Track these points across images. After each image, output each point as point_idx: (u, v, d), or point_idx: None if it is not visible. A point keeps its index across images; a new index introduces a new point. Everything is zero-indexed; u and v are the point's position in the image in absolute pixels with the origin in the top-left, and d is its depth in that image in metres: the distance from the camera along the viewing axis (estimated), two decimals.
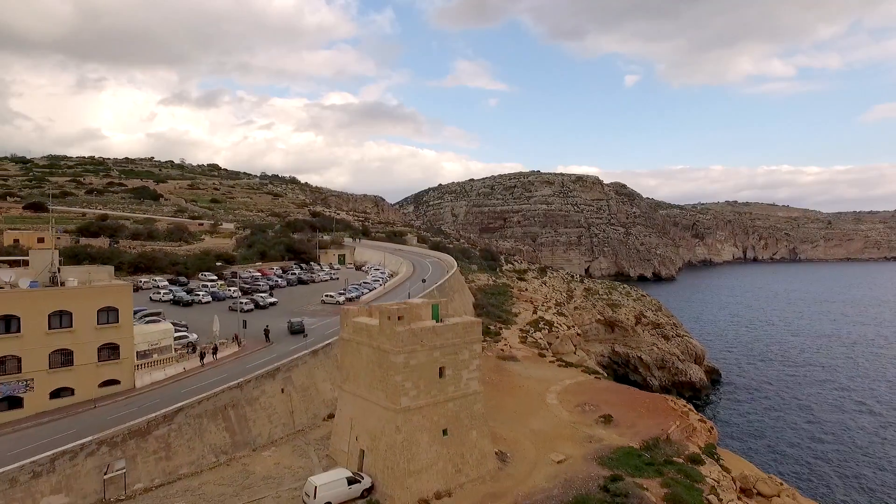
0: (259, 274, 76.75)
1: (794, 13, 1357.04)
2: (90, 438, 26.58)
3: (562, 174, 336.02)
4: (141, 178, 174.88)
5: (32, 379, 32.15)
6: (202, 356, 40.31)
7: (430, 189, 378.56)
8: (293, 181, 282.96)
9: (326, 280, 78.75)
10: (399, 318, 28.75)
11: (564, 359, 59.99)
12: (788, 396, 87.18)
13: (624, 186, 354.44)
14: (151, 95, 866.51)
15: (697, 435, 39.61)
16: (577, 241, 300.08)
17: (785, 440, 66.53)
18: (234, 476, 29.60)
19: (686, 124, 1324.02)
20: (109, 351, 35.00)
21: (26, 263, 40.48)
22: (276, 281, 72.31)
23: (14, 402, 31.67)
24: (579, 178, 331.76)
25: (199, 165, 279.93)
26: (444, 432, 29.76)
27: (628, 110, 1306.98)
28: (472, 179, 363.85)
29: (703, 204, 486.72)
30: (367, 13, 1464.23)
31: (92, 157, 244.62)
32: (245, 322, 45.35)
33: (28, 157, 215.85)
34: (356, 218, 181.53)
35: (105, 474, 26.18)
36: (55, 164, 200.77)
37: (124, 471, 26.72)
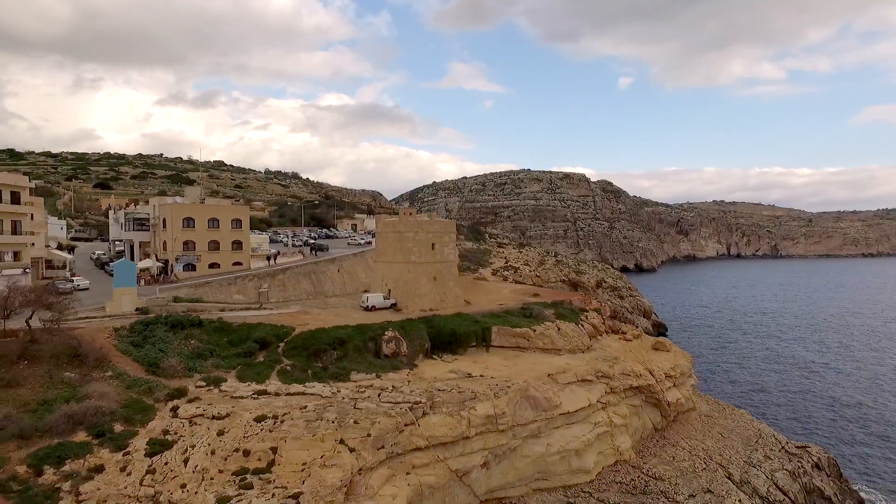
0: (292, 233, 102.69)
1: (784, 17, 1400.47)
2: (250, 272, 52.52)
3: (550, 172, 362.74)
4: (165, 169, 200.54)
5: (200, 255, 58.04)
6: (268, 258, 66.13)
7: (425, 186, 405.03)
8: (295, 176, 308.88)
9: (346, 237, 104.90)
10: (410, 215, 54.95)
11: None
12: (722, 342, 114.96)
13: (610, 184, 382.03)
14: (148, 96, 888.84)
15: (592, 304, 65.72)
16: (563, 235, 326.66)
17: (710, 366, 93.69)
18: (319, 302, 55.54)
19: (679, 126, 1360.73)
20: (236, 245, 60.94)
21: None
22: (311, 235, 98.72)
23: (191, 268, 57.51)
24: (566, 176, 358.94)
25: (205, 161, 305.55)
26: (435, 279, 55.82)
27: (622, 112, 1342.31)
28: (465, 177, 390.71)
29: (690, 203, 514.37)
30: (363, 15, 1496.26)
31: (108, 153, 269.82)
32: (305, 242, 71.62)
33: (54, 153, 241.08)
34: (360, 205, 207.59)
35: (259, 290, 52.09)
36: (81, 157, 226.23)
37: (267, 289, 52.67)
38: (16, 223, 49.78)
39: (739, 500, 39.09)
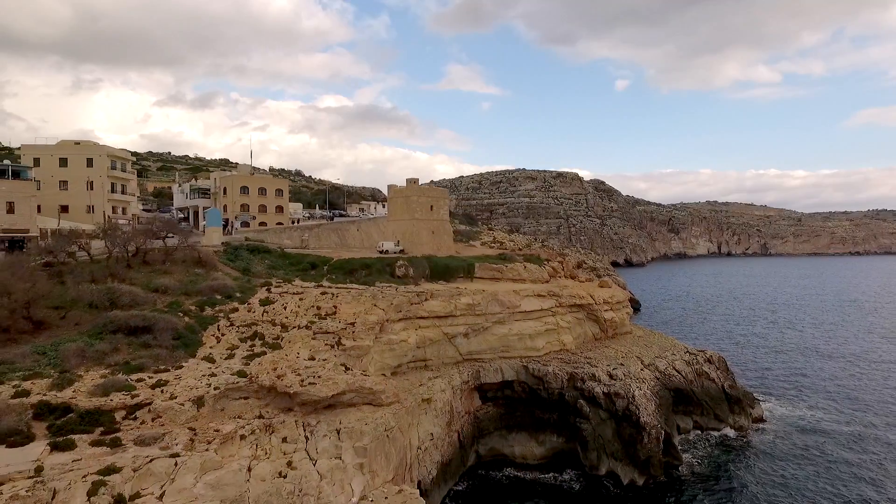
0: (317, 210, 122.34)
1: (778, 21, 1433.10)
2: (293, 226, 71.67)
3: (544, 171, 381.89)
4: (179, 164, 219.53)
5: (255, 216, 77.11)
6: (292, 222, 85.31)
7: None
8: (298, 174, 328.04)
9: (356, 217, 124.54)
10: (415, 182, 74.32)
11: None
12: (685, 313, 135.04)
13: (602, 183, 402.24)
14: (146, 97, 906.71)
15: (556, 258, 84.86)
16: (556, 231, 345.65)
17: (667, 325, 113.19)
18: (344, 249, 74.64)
19: (675, 128, 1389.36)
20: (279, 209, 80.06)
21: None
22: (329, 212, 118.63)
23: (246, 225, 76.57)
24: (560, 175, 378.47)
25: (212, 159, 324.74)
26: (433, 232, 75.01)
27: (619, 114, 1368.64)
28: (461, 176, 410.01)
29: (683, 203, 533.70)
30: (362, 18, 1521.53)
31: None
32: (327, 211, 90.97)
33: None
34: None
35: (302, 238, 71.28)
36: None
37: (307, 238, 71.85)
38: (124, 186, 68.81)
39: (641, 368, 58.13)
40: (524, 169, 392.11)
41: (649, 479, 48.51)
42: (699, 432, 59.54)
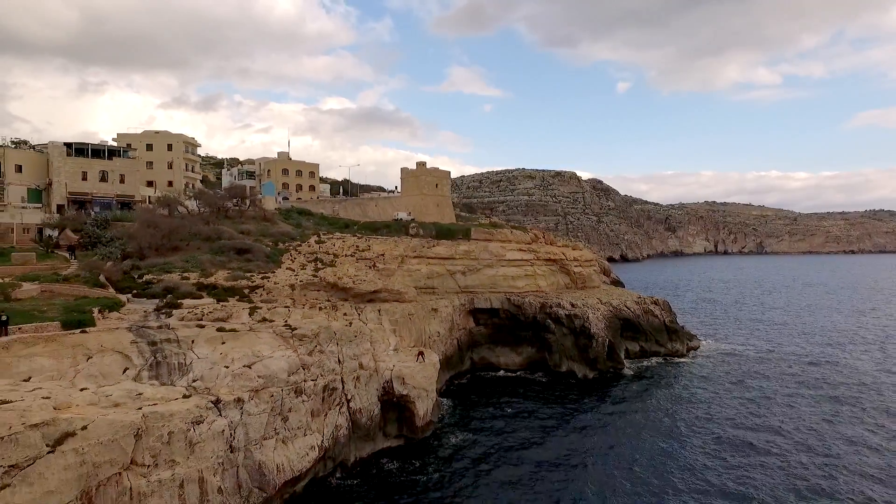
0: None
1: (778, 23, 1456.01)
2: (329, 199, 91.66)
3: (543, 170, 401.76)
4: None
5: (292, 192, 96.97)
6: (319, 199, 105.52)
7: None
8: None
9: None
10: (423, 165, 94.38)
11: None
12: (665, 293, 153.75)
13: (600, 182, 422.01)
14: (150, 99, 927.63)
15: (539, 233, 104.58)
16: (554, 228, 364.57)
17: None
18: (366, 218, 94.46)
19: (676, 130, 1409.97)
20: (311, 187, 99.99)
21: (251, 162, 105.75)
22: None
23: (286, 199, 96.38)
24: (558, 174, 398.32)
25: (223, 159, 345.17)
26: (437, 205, 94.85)
27: (620, 116, 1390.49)
28: (462, 176, 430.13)
29: (682, 203, 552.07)
30: (366, 21, 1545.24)
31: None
32: (346, 195, 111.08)
33: None
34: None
35: (334, 209, 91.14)
36: None
37: (338, 209, 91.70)
38: (193, 166, 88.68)
39: (598, 303, 77.53)
40: (523, 168, 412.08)
41: (597, 374, 67.93)
42: (643, 355, 78.81)
